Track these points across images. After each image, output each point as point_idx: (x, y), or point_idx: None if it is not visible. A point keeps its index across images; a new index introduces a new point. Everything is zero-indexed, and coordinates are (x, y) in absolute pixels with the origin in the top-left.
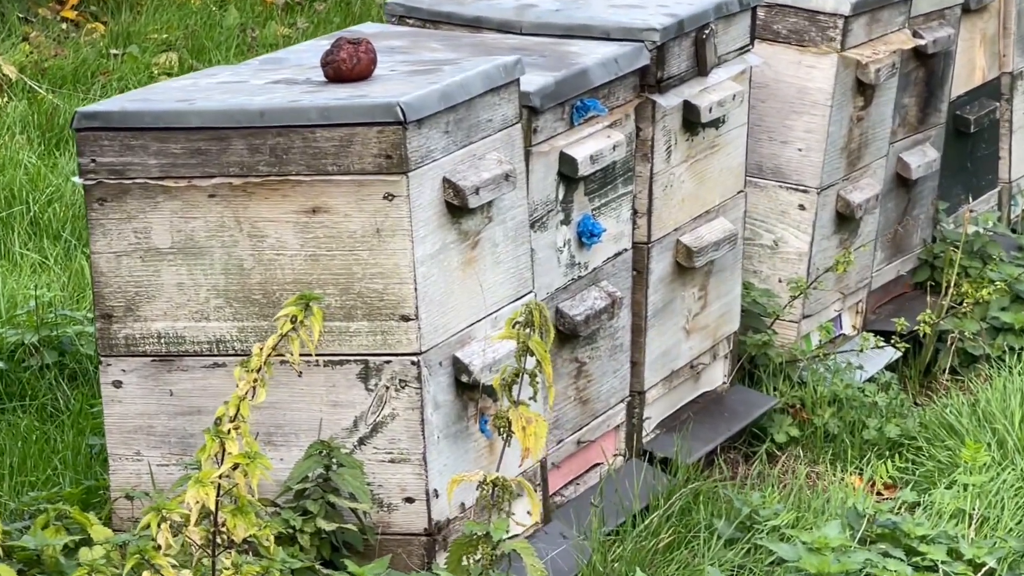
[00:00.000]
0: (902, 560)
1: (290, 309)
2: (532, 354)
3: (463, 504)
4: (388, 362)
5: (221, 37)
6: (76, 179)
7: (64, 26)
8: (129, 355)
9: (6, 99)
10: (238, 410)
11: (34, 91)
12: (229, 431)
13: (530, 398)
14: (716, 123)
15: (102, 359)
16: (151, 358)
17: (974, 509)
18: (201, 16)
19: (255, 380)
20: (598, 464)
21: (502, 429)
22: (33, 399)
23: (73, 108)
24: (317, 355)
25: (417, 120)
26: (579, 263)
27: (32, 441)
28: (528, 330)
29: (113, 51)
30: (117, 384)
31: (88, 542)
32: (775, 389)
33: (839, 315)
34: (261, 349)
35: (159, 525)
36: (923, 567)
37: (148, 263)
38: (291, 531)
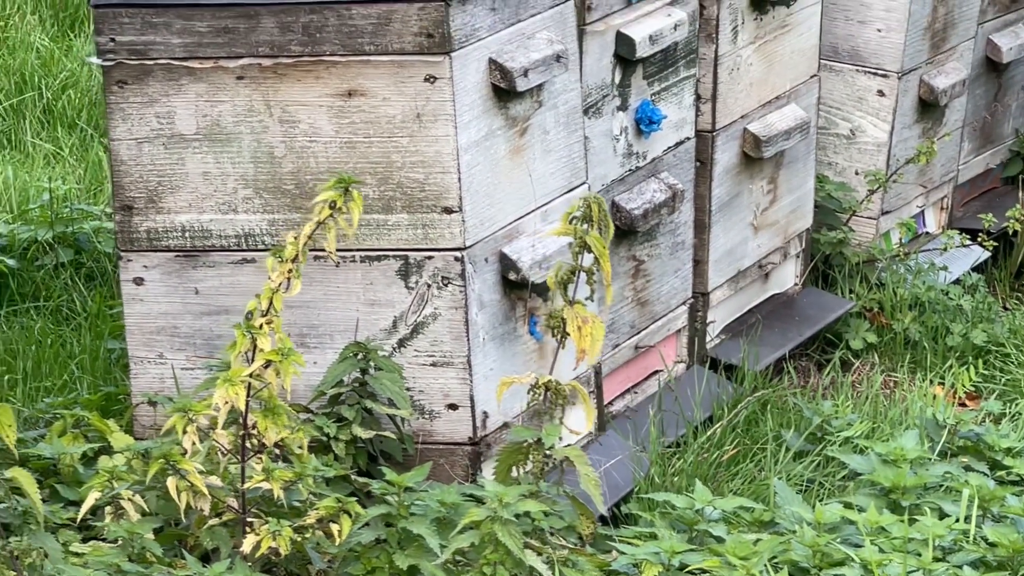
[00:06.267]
0: (985, 474)
1: (328, 194)
2: (589, 251)
3: (509, 413)
4: (430, 258)
5: None
6: (93, 60)
7: None
8: (151, 250)
9: None
10: (271, 303)
11: None
12: (261, 326)
13: (587, 298)
14: (787, 1)
15: (122, 254)
16: (175, 253)
17: None
18: None
19: (289, 271)
20: (657, 371)
21: (556, 330)
22: (47, 300)
23: None
24: (354, 250)
25: None
26: (637, 152)
27: (47, 345)
28: (585, 225)
29: None
30: (138, 281)
31: (108, 450)
32: (851, 291)
33: (922, 211)
34: (296, 237)
35: (185, 428)
36: (1008, 482)
37: (171, 151)
38: (325, 438)
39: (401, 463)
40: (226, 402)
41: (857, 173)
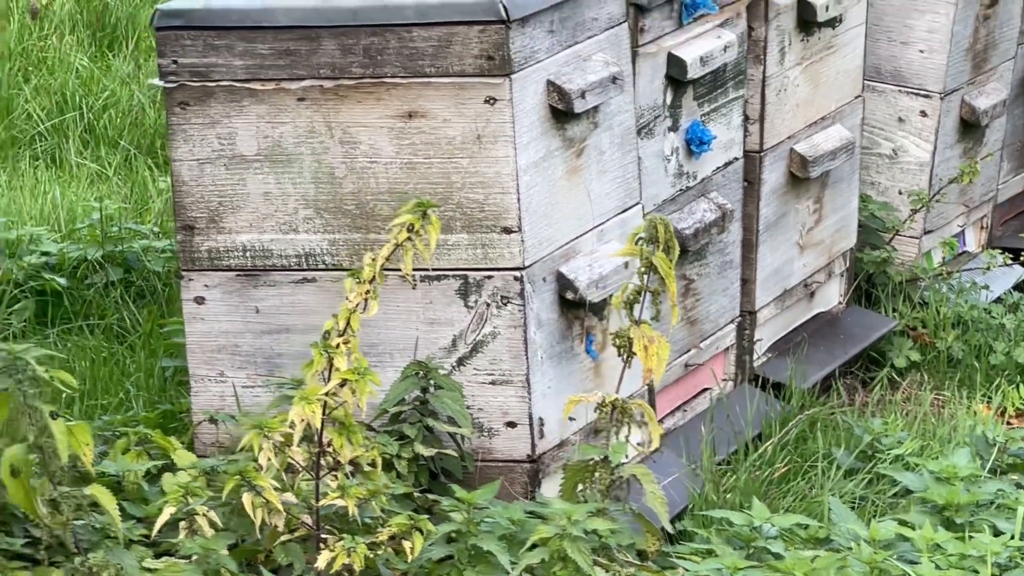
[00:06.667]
0: None
1: (407, 217)
2: (655, 271)
3: (567, 431)
4: (489, 277)
5: None
6: (156, 81)
7: None
8: (212, 269)
9: None
10: (348, 323)
11: None
12: (338, 345)
13: (652, 318)
14: (832, 22)
15: (183, 274)
16: (236, 273)
17: None
18: None
19: (367, 292)
20: (706, 389)
21: (623, 349)
22: (100, 318)
23: (126, 5)
24: (415, 270)
25: (521, 18)
26: (687, 173)
27: (101, 363)
28: (651, 246)
29: None
30: (200, 300)
31: (171, 468)
32: (894, 310)
33: (963, 230)
34: (374, 259)
35: (261, 445)
36: None
37: (233, 171)
38: (387, 456)
39: (461, 480)
40: (302, 420)
41: (900, 193)
